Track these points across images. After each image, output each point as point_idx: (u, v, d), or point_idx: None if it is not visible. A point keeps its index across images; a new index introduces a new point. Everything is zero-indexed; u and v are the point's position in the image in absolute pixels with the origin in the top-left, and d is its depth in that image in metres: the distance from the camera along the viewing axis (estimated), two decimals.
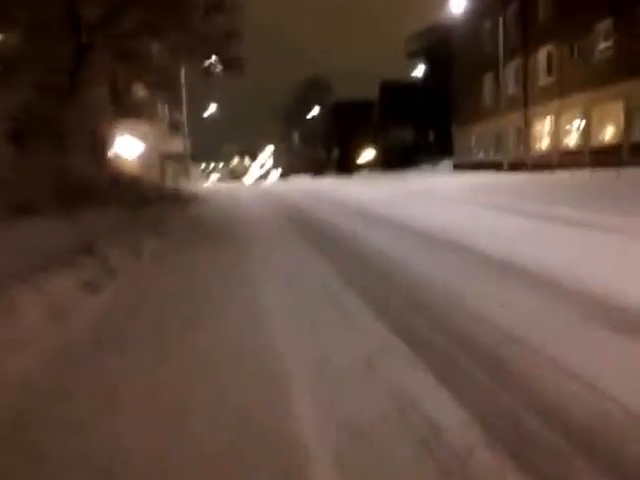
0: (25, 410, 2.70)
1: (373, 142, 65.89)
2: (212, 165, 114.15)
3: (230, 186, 37.20)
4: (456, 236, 7.44)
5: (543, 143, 30.42)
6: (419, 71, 61.07)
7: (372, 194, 18.21)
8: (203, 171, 78.58)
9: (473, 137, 37.95)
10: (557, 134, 28.82)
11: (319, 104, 72.71)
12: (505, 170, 31.49)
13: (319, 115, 73.33)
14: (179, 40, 14.25)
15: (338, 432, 2.29)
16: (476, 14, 35.79)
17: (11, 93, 9.34)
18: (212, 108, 49.86)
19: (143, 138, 29.66)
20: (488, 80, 35.50)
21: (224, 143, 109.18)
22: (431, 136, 53.52)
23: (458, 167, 39.07)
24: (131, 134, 27.32)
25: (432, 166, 45.15)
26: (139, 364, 3.24)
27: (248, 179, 71.26)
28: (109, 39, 13.34)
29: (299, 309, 4.29)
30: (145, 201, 13.73)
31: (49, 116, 11.06)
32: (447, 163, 43.44)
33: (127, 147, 27.02)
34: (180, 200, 16.78)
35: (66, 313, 4.31)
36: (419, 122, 56.87)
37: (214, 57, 16.33)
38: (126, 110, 24.24)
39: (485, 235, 7.40)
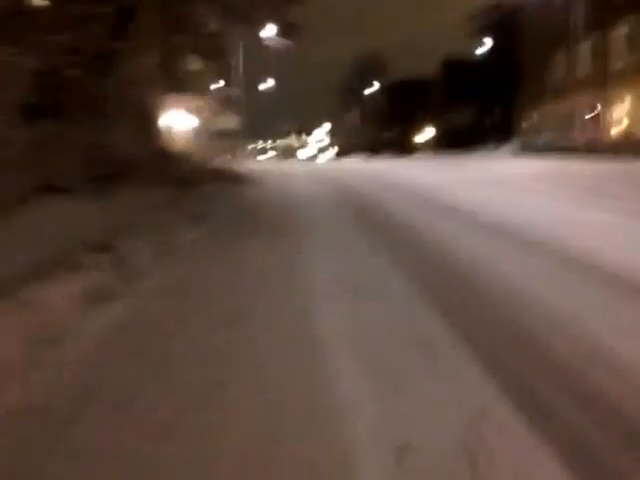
0: None
1: (432, 122, 63.64)
2: (267, 142, 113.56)
3: (284, 165, 36.12)
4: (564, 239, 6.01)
5: (620, 127, 27.89)
6: (483, 49, 58.12)
7: (436, 178, 16.69)
8: (257, 148, 77.88)
9: (541, 118, 35.48)
10: (637, 118, 26.29)
11: (377, 81, 70.66)
12: (578, 155, 29.15)
13: (377, 92, 71.32)
14: (234, 2, 12.99)
15: None
16: None
17: (39, 57, 8.36)
18: (268, 82, 48.84)
19: (195, 113, 28.84)
20: (560, 58, 32.94)
21: (279, 120, 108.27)
22: (494, 117, 50.79)
23: (524, 150, 36.70)
24: (183, 109, 26.51)
25: (496, 148, 42.77)
26: None
27: (303, 157, 70.12)
28: (156, 1, 12.22)
29: (376, 362, 3.02)
30: (191, 180, 12.72)
31: (86, 85, 10.07)
32: (512, 145, 41.01)
33: (179, 122, 26.24)
34: (230, 180, 15.72)
35: (51, 343, 3.19)
36: (482, 102, 54.18)
37: (271, 23, 14.95)
38: (178, 83, 23.36)
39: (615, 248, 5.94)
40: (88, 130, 10.28)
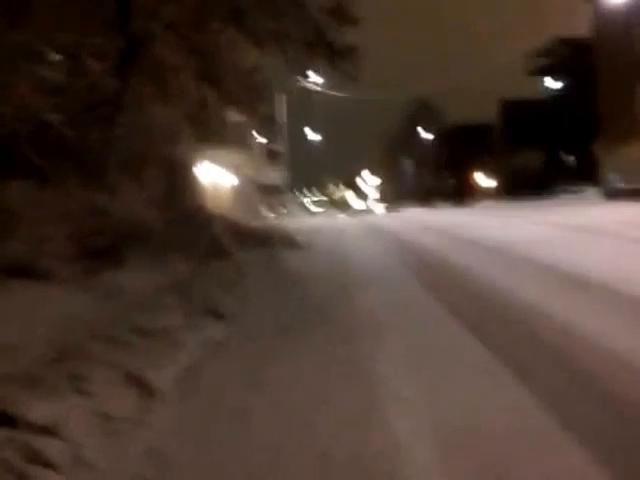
0: None
1: (493, 168, 61.09)
2: (314, 196, 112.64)
3: (334, 220, 33.89)
4: None
5: None
6: (546, 88, 55.68)
7: (524, 234, 13.95)
8: (304, 202, 76.64)
9: (627, 161, 32.29)
10: None
11: (428, 128, 68.96)
12: None
13: (429, 140, 69.47)
14: (267, 25, 10.87)
15: None
16: (627, 18, 30.77)
17: (12, 98, 6.41)
18: (313, 135, 47.58)
19: (235, 168, 27.17)
20: None
21: (327, 171, 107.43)
22: (568, 160, 47.63)
23: (609, 196, 33.40)
24: (222, 164, 24.83)
25: (575, 195, 39.51)
26: None
27: (354, 211, 68.17)
28: (172, 30, 10.32)
29: None
30: (223, 248, 10.49)
31: (79, 137, 8.08)
32: (591, 191, 37.73)
33: (218, 179, 24.51)
34: (272, 243, 13.46)
35: None
36: (550, 144, 51.25)
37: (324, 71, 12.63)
38: (215, 136, 21.69)
39: None
40: (82, 193, 8.22)
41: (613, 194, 33.16)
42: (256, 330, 5.52)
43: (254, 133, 29.23)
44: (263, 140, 33.88)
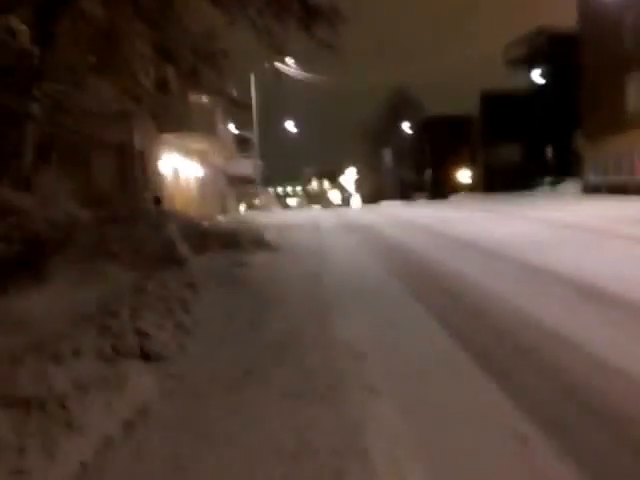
0: None
1: (471, 162, 60.11)
2: (288, 189, 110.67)
3: (309, 214, 32.28)
4: None
5: None
6: (526, 80, 54.66)
7: (511, 230, 12.63)
8: (277, 196, 74.74)
9: (608, 156, 31.36)
10: None
11: (408, 120, 67.58)
12: None
13: (408, 133, 68.13)
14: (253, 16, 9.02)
15: None
16: (616, 9, 29.72)
17: None
18: (290, 124, 45.88)
19: (201, 157, 25.38)
20: (634, 83, 29.04)
21: (301, 163, 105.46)
22: (548, 154, 46.64)
23: (590, 190, 32.52)
24: (184, 152, 23.04)
25: (552, 189, 38.64)
26: None
27: (330, 205, 66.67)
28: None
29: None
30: (175, 254, 8.89)
31: None
32: (572, 185, 36.87)
33: (179, 169, 22.72)
34: (237, 246, 11.86)
35: None
36: (529, 138, 50.32)
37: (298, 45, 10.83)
38: (176, 119, 19.94)
39: None
40: None
41: (592, 188, 32.32)
42: (197, 383, 4.00)
43: (223, 118, 27.43)
44: (233, 127, 32.08)
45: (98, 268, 7.59)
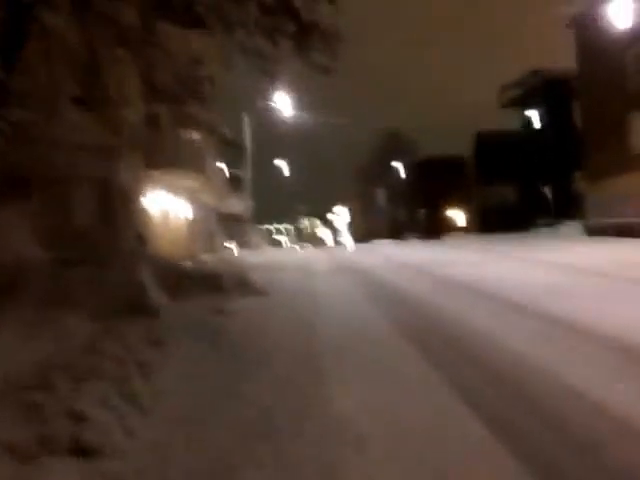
0: None
1: (465, 202, 59.70)
2: (280, 228, 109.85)
3: (301, 255, 31.23)
4: None
5: None
6: (521, 121, 54.67)
7: (522, 278, 11.64)
8: (268, 235, 73.82)
9: (615, 194, 30.61)
10: None
11: (401, 161, 67.53)
12: None
13: (401, 173, 67.96)
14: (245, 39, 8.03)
15: None
16: (614, 47, 29.48)
17: None
18: (282, 163, 45.41)
19: (191, 196, 24.46)
20: (637, 122, 28.55)
21: (294, 203, 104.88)
22: (544, 194, 46.07)
23: (593, 232, 31.66)
24: (173, 190, 22.13)
25: (552, 230, 37.84)
26: None
27: (322, 246, 65.74)
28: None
29: None
30: (145, 301, 7.82)
31: None
32: (572, 227, 36.04)
33: (167, 207, 21.77)
34: (220, 289, 10.80)
35: None
36: (524, 178, 50.04)
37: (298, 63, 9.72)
38: (165, 156, 19.08)
39: None
40: None
41: (595, 230, 31.46)
42: None
43: (214, 156, 26.65)
44: (224, 165, 31.32)
45: (52, 318, 6.51)
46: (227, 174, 32.22)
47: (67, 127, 10.61)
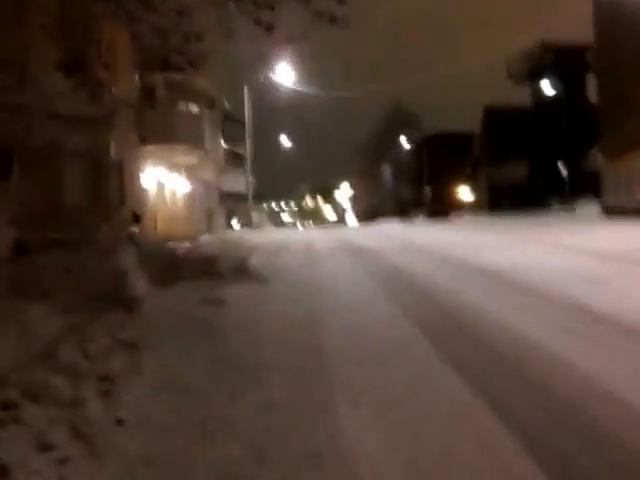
0: None
1: (472, 179, 58.35)
2: (283, 207, 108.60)
3: (303, 235, 30.16)
4: None
5: None
6: (532, 94, 53.04)
7: (551, 262, 10.64)
8: (270, 214, 72.72)
9: (637, 172, 29.34)
10: None
11: (407, 136, 66.07)
12: None
13: (407, 148, 66.51)
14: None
15: None
16: (635, 15, 28.05)
17: None
18: (285, 140, 44.23)
19: (190, 172, 23.38)
20: None
21: (296, 181, 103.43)
22: (560, 172, 44.63)
23: (611, 212, 30.45)
24: (170, 166, 21.06)
25: (567, 210, 36.57)
26: None
27: (324, 222, 64.76)
28: None
29: None
30: (123, 290, 6.83)
31: None
32: (590, 206, 34.62)
33: (163, 183, 20.72)
34: (215, 275, 9.81)
35: None
36: (536, 155, 48.50)
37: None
38: (161, 128, 18.02)
39: None
40: None
41: (614, 211, 30.25)
42: None
43: (214, 130, 25.50)
44: (225, 141, 30.17)
45: (14, 312, 5.56)
46: (228, 150, 31.06)
47: (43, 94, 9.52)
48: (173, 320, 6.30)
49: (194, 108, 20.01)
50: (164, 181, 20.62)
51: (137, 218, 14.57)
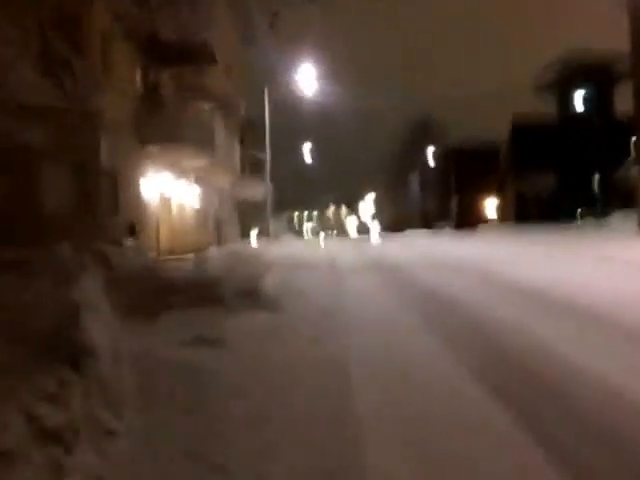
0: None
1: (499, 191, 56.91)
2: (304, 217, 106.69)
3: (325, 249, 28.15)
4: None
5: None
6: (556, 106, 51.56)
7: (614, 281, 8.66)
8: (290, 224, 71.05)
9: None
10: None
11: (432, 146, 64.82)
12: None
13: (432, 161, 65.27)
14: None
15: None
16: None
17: None
18: (306, 147, 42.72)
19: (199, 179, 21.56)
20: None
21: (318, 190, 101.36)
22: (593, 184, 42.79)
23: None
24: (176, 172, 19.24)
25: (599, 222, 34.81)
26: None
27: (349, 236, 63.01)
28: None
29: None
30: (71, 336, 4.97)
31: None
32: (625, 218, 32.60)
33: (167, 191, 18.92)
34: (216, 300, 7.91)
35: None
36: (565, 166, 47.08)
37: None
38: (168, 129, 16.23)
39: None
40: None
41: None
42: None
43: (230, 134, 23.74)
44: (243, 146, 28.48)
45: None
46: (247, 157, 29.33)
47: (18, 87, 7.76)
48: (143, 377, 4.43)
49: (204, 106, 18.21)
50: (169, 188, 18.82)
51: (132, 229, 12.77)
